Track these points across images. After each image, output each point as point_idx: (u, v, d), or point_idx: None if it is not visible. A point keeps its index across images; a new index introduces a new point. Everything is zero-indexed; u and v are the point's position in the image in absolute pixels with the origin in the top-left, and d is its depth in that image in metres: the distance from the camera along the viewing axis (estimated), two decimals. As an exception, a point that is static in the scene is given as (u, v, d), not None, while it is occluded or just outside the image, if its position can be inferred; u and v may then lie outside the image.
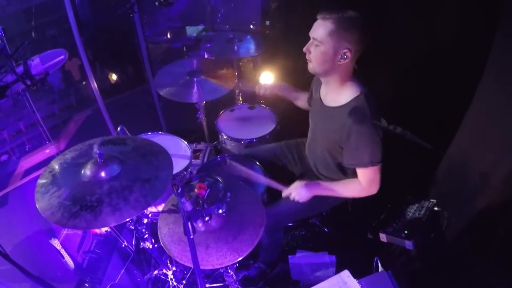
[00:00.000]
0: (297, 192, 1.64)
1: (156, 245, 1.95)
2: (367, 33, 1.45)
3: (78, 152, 1.45)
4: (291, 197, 1.66)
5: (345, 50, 1.44)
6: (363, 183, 1.59)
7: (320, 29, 1.45)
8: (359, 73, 1.60)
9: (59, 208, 1.21)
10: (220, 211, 1.32)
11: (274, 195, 1.89)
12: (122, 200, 1.23)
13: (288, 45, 2.54)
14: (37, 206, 1.23)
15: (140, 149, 1.48)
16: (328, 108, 1.65)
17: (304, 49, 1.53)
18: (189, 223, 1.13)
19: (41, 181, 1.33)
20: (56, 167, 1.38)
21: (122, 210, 1.20)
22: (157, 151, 1.49)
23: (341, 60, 1.47)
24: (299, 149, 2.05)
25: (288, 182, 1.91)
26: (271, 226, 1.74)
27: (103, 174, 1.31)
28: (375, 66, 1.93)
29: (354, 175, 1.63)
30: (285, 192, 1.68)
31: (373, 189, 1.60)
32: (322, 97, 1.71)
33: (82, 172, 1.34)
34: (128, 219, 1.28)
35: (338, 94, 1.59)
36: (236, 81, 2.36)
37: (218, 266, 1.30)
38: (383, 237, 1.75)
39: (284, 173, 2.04)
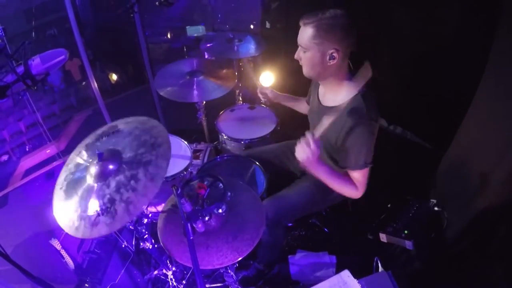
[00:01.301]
0: (306, 156, 1.48)
1: (156, 245, 1.95)
2: (351, 29, 1.43)
3: (77, 157, 1.44)
4: (299, 152, 1.50)
5: (331, 51, 1.44)
6: (357, 185, 1.58)
7: (303, 35, 1.46)
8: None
9: (80, 221, 1.20)
10: (220, 210, 1.32)
11: (274, 194, 1.89)
12: (132, 191, 1.22)
13: (288, 45, 2.55)
14: (63, 228, 1.23)
15: (134, 130, 1.43)
16: (326, 108, 1.64)
17: (295, 57, 1.55)
18: (189, 224, 1.13)
19: (57, 200, 1.32)
20: (64, 181, 1.37)
21: (134, 201, 1.19)
22: (149, 127, 1.43)
23: (331, 61, 1.46)
24: None
25: (288, 182, 1.92)
26: (271, 220, 1.74)
27: (105, 173, 1.30)
28: (375, 66, 1.93)
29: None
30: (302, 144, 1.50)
31: (361, 192, 1.58)
32: (320, 97, 1.71)
33: (88, 178, 1.32)
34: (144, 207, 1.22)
35: (335, 94, 1.59)
36: (236, 81, 2.35)
37: (218, 266, 1.30)
38: (383, 237, 1.75)
39: (284, 173, 2.04)
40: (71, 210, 1.25)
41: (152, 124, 1.44)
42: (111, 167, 1.30)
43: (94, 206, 1.22)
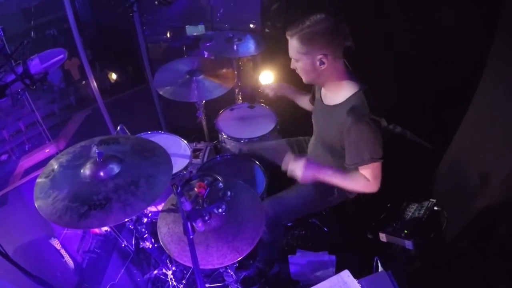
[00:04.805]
0: (299, 169, 1.57)
1: (155, 245, 1.95)
2: (335, 31, 1.44)
3: (72, 154, 1.45)
4: (290, 172, 1.59)
5: (319, 57, 1.46)
6: (369, 178, 1.57)
7: (291, 48, 1.53)
8: (359, 73, 1.60)
9: (66, 211, 1.20)
10: (220, 210, 1.32)
11: (274, 194, 1.89)
12: (131, 195, 1.24)
13: (288, 44, 2.55)
14: (41, 212, 1.22)
15: (136, 146, 1.48)
16: (328, 107, 1.65)
17: (291, 67, 1.61)
18: (189, 223, 1.13)
19: (39, 185, 1.32)
20: (53, 171, 1.37)
21: (132, 204, 1.21)
22: (152, 147, 1.50)
23: (322, 66, 1.49)
24: (300, 146, 2.05)
25: (288, 180, 1.91)
26: (271, 220, 1.74)
27: (104, 173, 1.31)
28: (375, 66, 1.93)
29: None
30: (286, 165, 1.61)
31: (376, 186, 1.58)
32: (322, 96, 1.72)
33: (82, 173, 1.33)
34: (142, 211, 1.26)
35: (336, 93, 1.60)
36: (236, 80, 2.34)
37: (218, 266, 1.30)
38: (383, 237, 1.75)
39: (284, 171, 2.04)
40: (56, 199, 1.25)
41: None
42: (108, 171, 1.32)
43: (86, 199, 1.23)
